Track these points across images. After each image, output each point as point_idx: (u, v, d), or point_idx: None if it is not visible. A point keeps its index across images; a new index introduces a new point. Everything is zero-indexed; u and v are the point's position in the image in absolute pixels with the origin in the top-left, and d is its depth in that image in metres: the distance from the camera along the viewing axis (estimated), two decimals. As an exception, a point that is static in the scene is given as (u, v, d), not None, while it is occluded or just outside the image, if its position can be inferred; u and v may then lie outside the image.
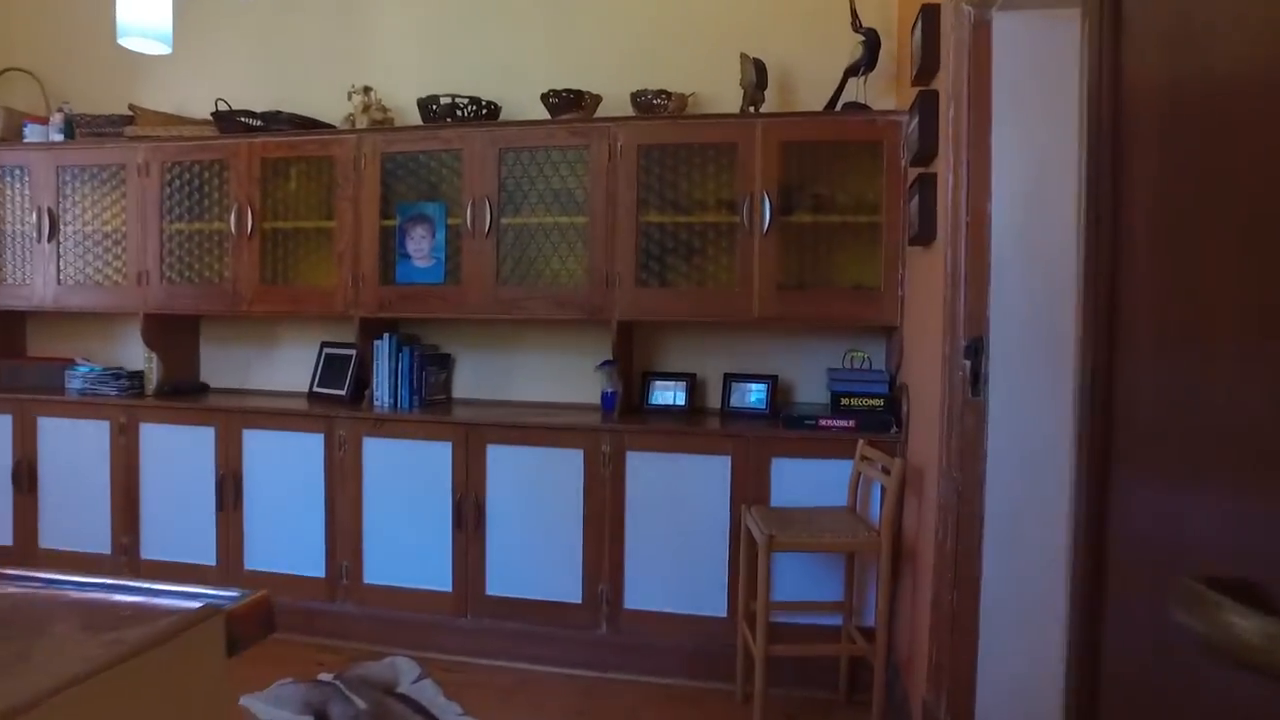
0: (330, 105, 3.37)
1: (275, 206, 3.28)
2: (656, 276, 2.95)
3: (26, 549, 3.49)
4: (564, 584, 2.88)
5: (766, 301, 2.81)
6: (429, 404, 3.29)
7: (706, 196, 2.95)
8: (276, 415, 3.17)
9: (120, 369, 3.54)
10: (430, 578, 3.00)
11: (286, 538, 3.16)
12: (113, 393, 3.46)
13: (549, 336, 3.35)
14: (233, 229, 3.29)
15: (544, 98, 3.01)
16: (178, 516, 3.29)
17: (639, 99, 2.96)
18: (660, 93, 2.95)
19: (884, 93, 2.99)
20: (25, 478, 3.49)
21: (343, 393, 3.38)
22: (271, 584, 3.16)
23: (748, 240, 2.80)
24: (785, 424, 2.76)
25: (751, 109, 2.87)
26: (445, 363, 3.41)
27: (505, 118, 3.14)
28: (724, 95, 3.10)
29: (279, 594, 3.27)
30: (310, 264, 3.30)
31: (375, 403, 3.26)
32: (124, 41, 2.29)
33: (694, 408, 3.13)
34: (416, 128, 3.09)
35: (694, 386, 3.13)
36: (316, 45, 3.56)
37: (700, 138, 2.85)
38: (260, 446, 3.18)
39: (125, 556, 3.35)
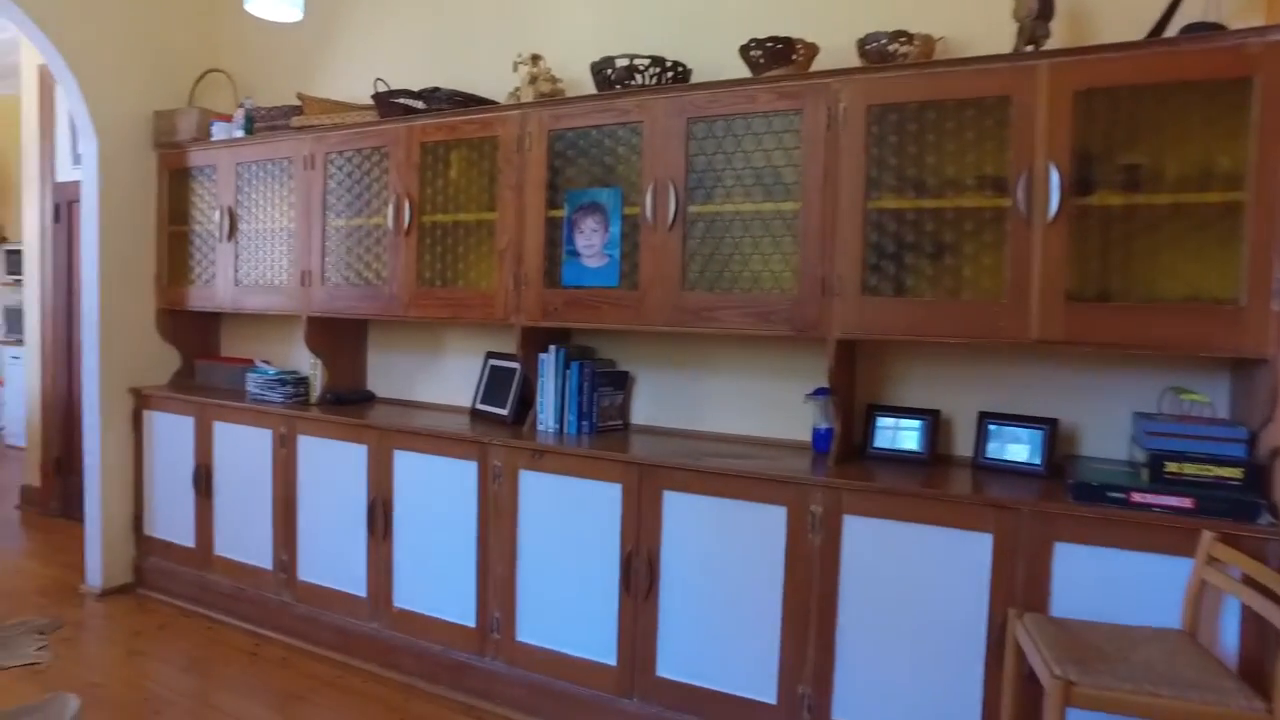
0: (496, 80, 2.93)
1: (435, 197, 2.89)
2: (890, 281, 2.21)
3: (205, 553, 3.39)
4: (754, 677, 2.23)
5: (1050, 318, 1.97)
6: (601, 430, 2.76)
7: (963, 172, 2.16)
8: (425, 437, 2.78)
9: (294, 373, 3.34)
10: (591, 645, 2.47)
11: (436, 576, 2.76)
12: (278, 399, 3.27)
13: (747, 355, 2.70)
14: (390, 224, 2.94)
15: (743, 51, 2.36)
16: (331, 538, 3.01)
17: (868, 46, 2.22)
18: (898, 35, 2.20)
19: (1248, 6, 2.04)
20: (203, 481, 3.40)
21: (504, 412, 2.94)
22: (419, 627, 2.79)
23: (1023, 232, 1.99)
24: (1075, 494, 1.92)
25: (1030, 48, 2.04)
26: (622, 382, 2.86)
27: (696, 80, 2.52)
28: (987, 35, 2.29)
29: (427, 639, 2.92)
30: (470, 263, 2.87)
31: (539, 426, 2.78)
32: (249, 6, 1.93)
33: (935, 456, 2.34)
34: (588, 98, 2.56)
35: (936, 427, 2.34)
36: (482, 11, 3.14)
37: (955, 92, 2.07)
38: (411, 470, 2.81)
39: (284, 575, 3.14)
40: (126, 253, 3.59)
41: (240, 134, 3.36)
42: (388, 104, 2.89)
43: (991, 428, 2.28)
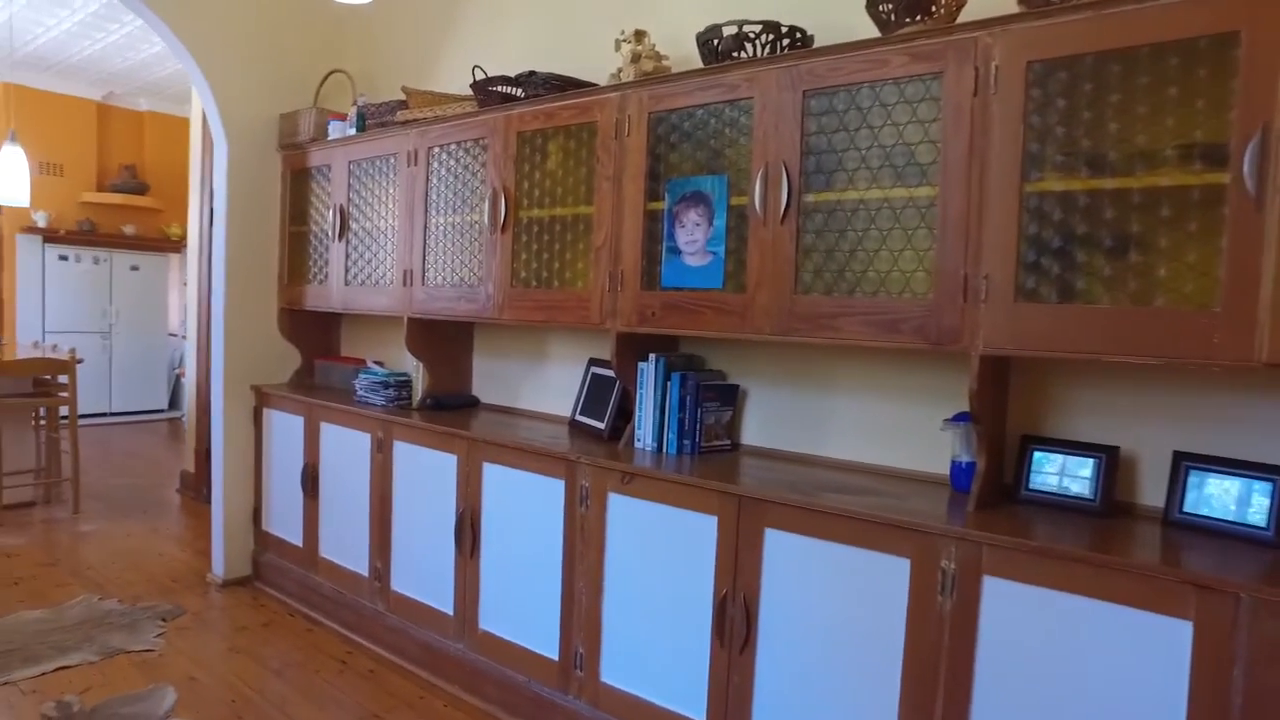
0: (600, 62, 2.68)
1: (531, 191, 2.68)
2: (1053, 284, 1.75)
3: (311, 554, 3.37)
4: (866, 762, 1.84)
5: (1284, 333, 1.46)
6: (705, 451, 2.45)
7: (1159, 141, 1.66)
8: (513, 450, 2.57)
9: (398, 376, 3.25)
10: (680, 695, 2.16)
11: (521, 600, 2.55)
12: (380, 402, 3.18)
13: (872, 370, 2.30)
14: (486, 220, 2.77)
15: (871, 5, 1.96)
16: (423, 550, 2.87)
17: (1035, -10, 1.77)
18: (1076, -24, 1.73)
19: None
20: (310, 481, 3.38)
21: (602, 426, 2.69)
22: (503, 653, 2.59)
23: (1249, 219, 1.48)
24: (1320, 573, 1.40)
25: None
26: (731, 397, 2.53)
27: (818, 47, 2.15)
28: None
29: (511, 667, 2.71)
30: (567, 262, 2.64)
31: (636, 444, 2.50)
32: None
33: (1112, 505, 1.85)
34: (691, 74, 2.25)
35: (1113, 468, 1.85)
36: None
37: (1152, 34, 1.58)
38: (499, 485, 2.61)
39: (378, 583, 3.04)
40: (252, 253, 3.65)
41: (352, 132, 3.32)
42: (485, 92, 2.72)
43: (1193, 474, 1.76)
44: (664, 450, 2.45)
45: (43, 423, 5.12)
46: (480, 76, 2.80)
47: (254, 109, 3.59)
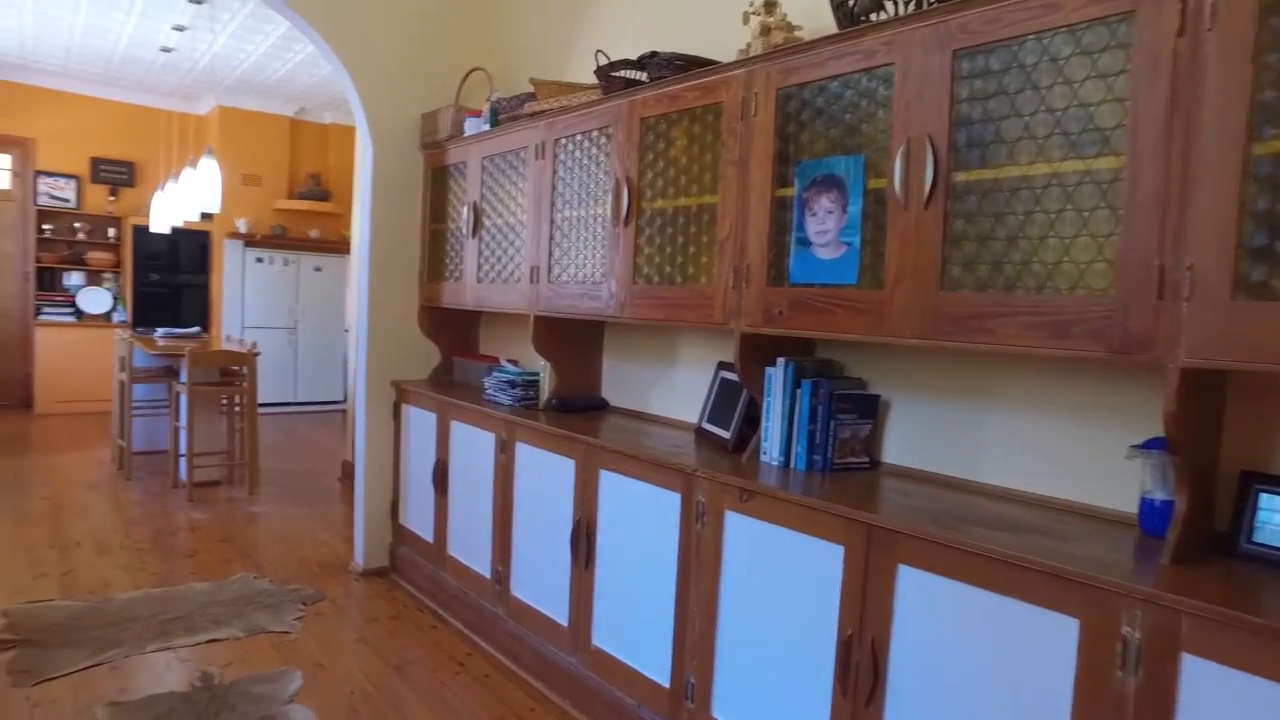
0: (728, 41, 2.46)
1: (655, 181, 2.50)
2: (1288, 276, 1.34)
3: (440, 550, 3.39)
4: None
5: None
6: (838, 469, 2.18)
7: None
8: (628, 458, 2.40)
9: (526, 375, 3.20)
10: (798, 746, 1.91)
11: (634, 618, 2.39)
12: (506, 401, 3.13)
13: (1040, 381, 1.93)
14: (608, 214, 2.62)
15: (1045, -60, 1.61)
16: (541, 555, 2.78)
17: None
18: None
19: None
20: (440, 478, 3.40)
21: (727, 435, 2.47)
22: (615, 673, 2.44)
23: None
24: None
25: None
26: (870, 409, 2.24)
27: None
28: None
29: (622, 689, 2.54)
30: (690, 256, 2.44)
31: (762, 457, 2.27)
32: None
33: (1369, 568, 1.41)
34: (822, 41, 1.98)
35: (1373, 520, 1.41)
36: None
37: None
38: (615, 494, 2.46)
39: (499, 587, 2.99)
40: (395, 251, 3.74)
41: (486, 128, 3.29)
42: (609, 78, 2.58)
43: None
44: (791, 466, 2.20)
45: (237, 409, 5.57)
46: (604, 62, 2.66)
47: (398, 109, 3.67)
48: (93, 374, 7.61)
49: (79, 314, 7.75)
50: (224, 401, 5.51)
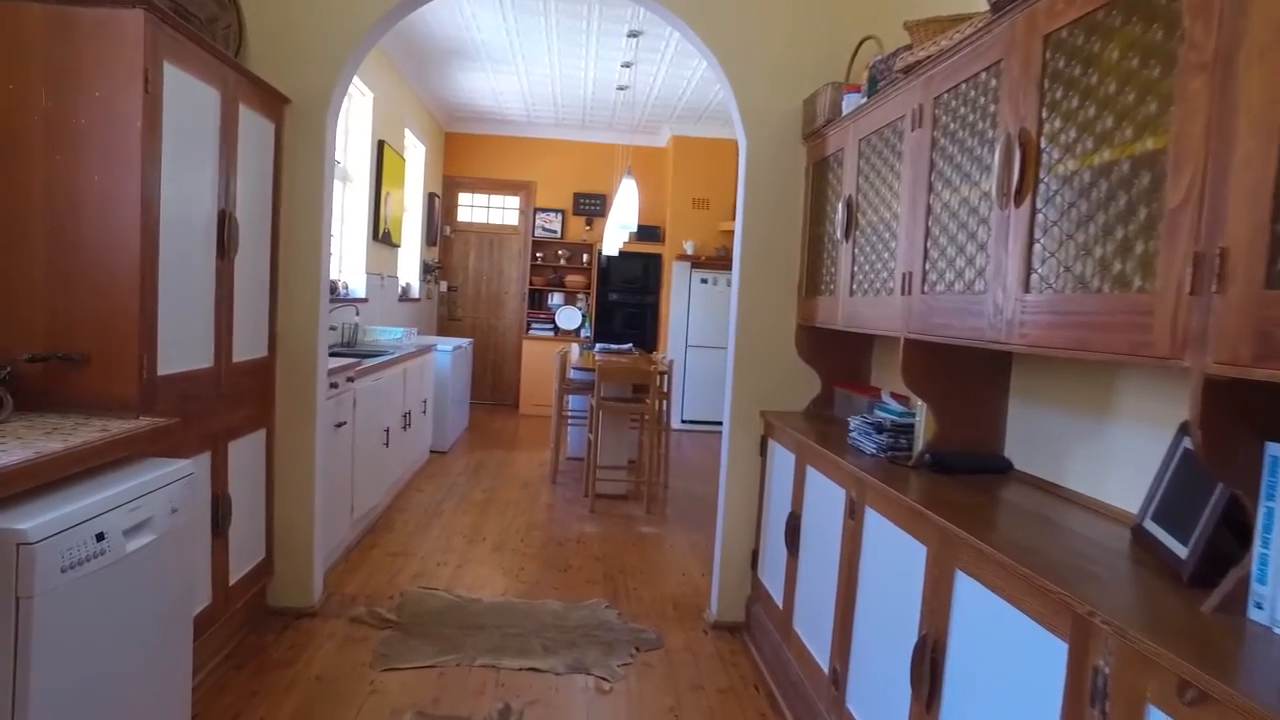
0: None
1: (1064, 130, 1.58)
2: None
3: (786, 621, 2.79)
4: None
5: None
6: None
7: None
8: (996, 565, 1.53)
9: (907, 416, 2.45)
10: None
11: (994, 821, 1.51)
12: (869, 449, 2.41)
13: None
14: (993, 188, 1.76)
15: None
16: (880, 666, 2.02)
17: None
18: None
19: None
20: (791, 533, 2.80)
21: (1183, 553, 1.44)
22: None
23: None
24: None
25: None
26: None
27: None
28: None
29: None
30: (1117, 243, 1.46)
31: (1249, 609, 1.23)
32: None
33: None
34: None
35: None
36: None
37: None
38: (974, 612, 1.61)
39: (835, 691, 2.29)
40: (770, 262, 3.26)
41: (863, 101, 2.62)
42: (1004, -13, 1.72)
43: None
44: (1315, 634, 1.13)
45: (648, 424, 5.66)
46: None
47: (775, 97, 3.19)
48: (562, 382, 8.67)
49: (556, 329, 8.92)
50: (641, 417, 5.65)
